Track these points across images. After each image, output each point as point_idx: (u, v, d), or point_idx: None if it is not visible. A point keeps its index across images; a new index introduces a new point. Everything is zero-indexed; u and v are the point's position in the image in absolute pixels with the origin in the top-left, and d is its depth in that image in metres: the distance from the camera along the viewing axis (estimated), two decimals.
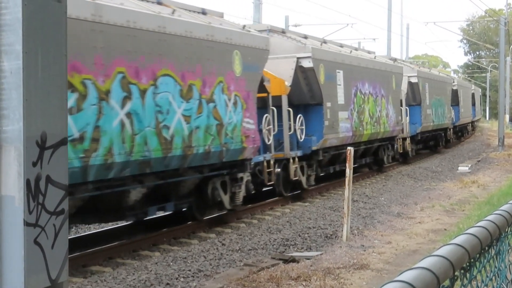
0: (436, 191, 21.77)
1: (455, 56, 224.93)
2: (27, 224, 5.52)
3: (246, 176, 16.35)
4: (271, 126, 17.85)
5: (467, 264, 2.85)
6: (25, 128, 5.53)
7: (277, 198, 19.33)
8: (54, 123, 5.77)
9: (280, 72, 18.98)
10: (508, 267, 3.98)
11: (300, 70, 19.92)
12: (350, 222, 13.81)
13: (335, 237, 14.06)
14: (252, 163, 16.74)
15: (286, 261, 11.82)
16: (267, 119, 17.70)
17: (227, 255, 12.69)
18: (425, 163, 32.57)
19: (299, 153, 19.57)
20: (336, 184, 22.70)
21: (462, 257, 2.71)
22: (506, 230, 3.76)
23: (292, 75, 19.44)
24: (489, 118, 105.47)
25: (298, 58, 19.69)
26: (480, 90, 65.20)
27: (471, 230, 3.05)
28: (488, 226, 3.21)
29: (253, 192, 17.15)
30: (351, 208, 14.52)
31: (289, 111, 19.00)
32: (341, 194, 19.40)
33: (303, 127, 19.94)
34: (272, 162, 17.99)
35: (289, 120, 19.03)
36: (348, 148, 13.90)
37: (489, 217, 3.43)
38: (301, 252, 12.87)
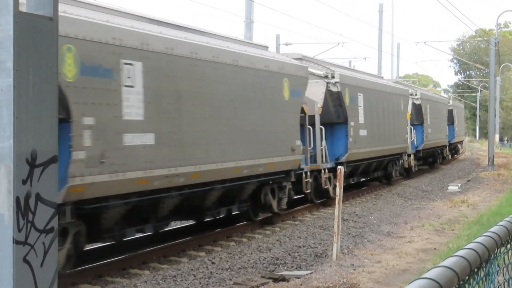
0: (426, 210, 21.78)
1: (446, 76, 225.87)
2: (16, 242, 5.49)
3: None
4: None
5: (457, 286, 2.85)
6: (16, 145, 5.51)
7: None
8: (45, 141, 5.76)
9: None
10: None
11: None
12: (340, 241, 13.81)
13: (325, 256, 14.04)
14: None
15: (276, 280, 11.79)
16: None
17: (217, 273, 12.65)
18: (415, 183, 32.62)
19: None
20: (324, 203, 22.71)
21: (452, 280, 2.71)
22: (495, 251, 3.77)
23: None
24: (479, 138, 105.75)
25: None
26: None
27: (460, 252, 3.05)
28: (477, 248, 3.22)
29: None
30: (341, 227, 14.53)
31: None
32: (331, 213, 19.41)
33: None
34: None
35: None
36: (339, 167, 13.95)
37: (478, 239, 3.44)
38: (291, 271, 12.85)
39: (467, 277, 3.05)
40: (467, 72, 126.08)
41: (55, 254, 5.90)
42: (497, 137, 72.13)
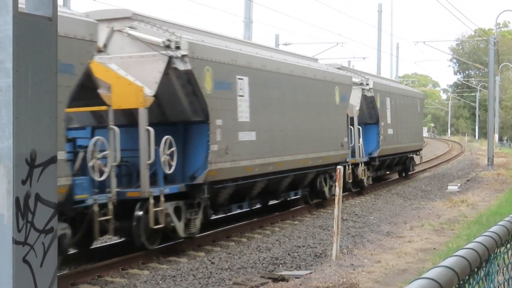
0: (425, 210, 21.78)
1: (445, 75, 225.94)
2: (16, 242, 5.48)
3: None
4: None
5: (457, 286, 2.85)
6: (15, 146, 5.50)
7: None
8: (44, 141, 5.75)
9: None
10: None
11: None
12: (339, 241, 13.80)
13: (325, 256, 14.04)
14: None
15: (275, 280, 11.79)
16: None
17: (216, 273, 12.65)
18: (414, 183, 32.61)
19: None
20: (326, 203, 22.72)
21: (452, 279, 2.71)
22: (495, 251, 3.77)
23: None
24: (478, 138, 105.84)
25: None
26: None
27: (460, 252, 3.05)
28: (477, 248, 3.22)
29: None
30: (341, 227, 14.52)
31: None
32: (331, 212, 19.41)
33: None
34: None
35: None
36: (338, 167, 13.93)
37: (478, 239, 3.44)
38: (291, 271, 12.85)
39: (467, 277, 3.05)
40: (467, 72, 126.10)
41: (55, 254, 5.89)
42: (496, 136, 72.16)
